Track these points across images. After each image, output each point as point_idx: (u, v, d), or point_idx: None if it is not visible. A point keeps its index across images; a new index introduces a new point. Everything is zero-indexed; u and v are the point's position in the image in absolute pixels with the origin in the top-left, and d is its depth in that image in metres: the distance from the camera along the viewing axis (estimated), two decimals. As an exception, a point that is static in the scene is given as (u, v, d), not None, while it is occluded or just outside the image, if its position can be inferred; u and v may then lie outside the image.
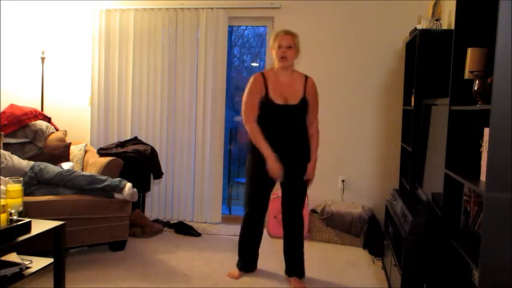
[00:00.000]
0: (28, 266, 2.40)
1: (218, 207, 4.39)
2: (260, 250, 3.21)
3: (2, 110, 4.06)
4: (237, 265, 3.13)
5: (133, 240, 3.78)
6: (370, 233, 3.77)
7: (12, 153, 3.57)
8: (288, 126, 2.87)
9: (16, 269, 2.34)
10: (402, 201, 2.92)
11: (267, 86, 2.85)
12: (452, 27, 2.38)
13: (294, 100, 2.85)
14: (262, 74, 2.89)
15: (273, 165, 2.80)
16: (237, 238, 3.13)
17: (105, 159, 3.68)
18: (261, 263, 3.28)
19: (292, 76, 2.90)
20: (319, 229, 3.96)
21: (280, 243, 3.89)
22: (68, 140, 4.12)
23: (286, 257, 3.06)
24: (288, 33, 2.85)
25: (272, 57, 2.96)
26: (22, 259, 2.45)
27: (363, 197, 4.18)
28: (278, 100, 2.83)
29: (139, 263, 3.29)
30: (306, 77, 2.93)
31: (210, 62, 4.28)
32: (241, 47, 6.86)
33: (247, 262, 3.13)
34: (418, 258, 2.45)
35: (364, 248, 3.79)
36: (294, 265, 3.03)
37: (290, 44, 2.81)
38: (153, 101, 4.41)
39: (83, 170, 3.87)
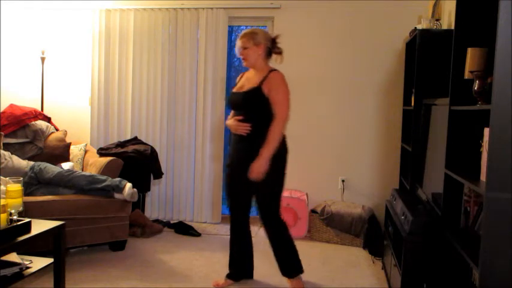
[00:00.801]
0: (28, 266, 2.40)
1: (218, 207, 4.39)
2: (259, 250, 3.19)
3: (2, 110, 4.06)
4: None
5: (133, 240, 3.78)
6: (370, 233, 3.77)
7: (12, 153, 3.57)
8: (239, 114, 2.78)
9: (16, 269, 2.34)
10: (402, 201, 2.92)
11: (240, 80, 2.94)
12: (452, 27, 2.38)
13: (245, 89, 2.79)
14: (244, 72, 3.00)
15: (229, 122, 2.83)
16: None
17: (105, 159, 3.68)
18: (261, 263, 3.28)
19: (261, 71, 2.81)
20: (319, 229, 3.96)
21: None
22: (68, 140, 4.12)
23: (274, 257, 2.98)
24: (241, 36, 2.80)
25: None
26: (22, 259, 2.45)
27: (363, 197, 4.18)
28: (235, 89, 2.87)
29: (139, 263, 3.29)
30: (271, 71, 2.78)
31: (210, 62, 4.28)
32: (241, 47, 6.86)
33: (233, 266, 3.02)
34: (418, 258, 2.45)
35: (364, 248, 3.79)
36: (281, 265, 2.92)
37: (242, 45, 2.78)
38: (153, 101, 4.41)
39: (83, 170, 3.88)
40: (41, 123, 4.09)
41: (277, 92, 2.71)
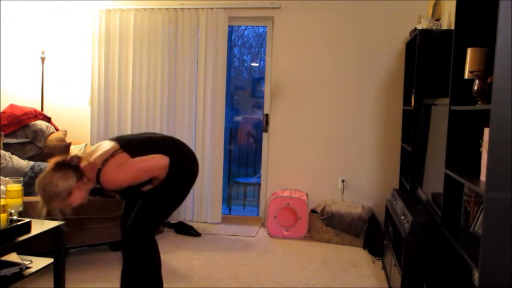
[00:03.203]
0: (28, 266, 2.40)
1: (218, 207, 4.39)
2: (259, 249, 3.14)
3: (2, 110, 4.06)
4: None
5: (133, 240, 3.77)
6: (370, 233, 3.78)
7: (12, 153, 3.57)
8: None
9: (16, 269, 2.34)
10: (402, 201, 2.92)
11: None
12: (452, 27, 2.38)
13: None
14: None
15: None
16: (237, 238, 3.05)
17: (105, 159, 3.67)
18: (259, 264, 3.27)
19: (92, 182, 2.38)
20: (319, 229, 3.96)
21: (280, 243, 3.89)
22: (68, 140, 4.12)
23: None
24: (46, 203, 2.20)
25: None
26: (22, 259, 2.45)
27: (363, 197, 4.18)
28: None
29: (139, 263, 3.29)
30: (97, 178, 2.30)
31: (210, 62, 4.28)
32: (241, 47, 6.86)
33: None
34: (418, 258, 2.45)
35: (364, 248, 3.79)
36: None
37: (61, 207, 2.24)
38: (153, 101, 4.41)
39: (83, 170, 3.87)
40: (41, 123, 4.08)
41: (120, 174, 2.26)
